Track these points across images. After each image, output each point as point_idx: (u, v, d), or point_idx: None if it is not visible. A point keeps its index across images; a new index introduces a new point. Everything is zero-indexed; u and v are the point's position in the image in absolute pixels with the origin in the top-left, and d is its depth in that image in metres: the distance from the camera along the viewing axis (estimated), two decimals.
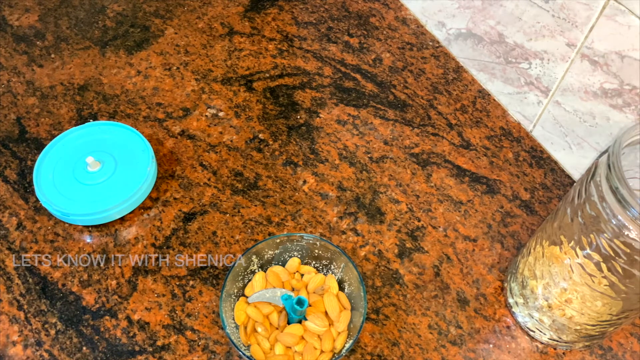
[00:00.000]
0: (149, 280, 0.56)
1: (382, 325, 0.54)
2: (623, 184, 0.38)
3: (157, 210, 0.60)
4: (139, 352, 0.52)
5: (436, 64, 0.74)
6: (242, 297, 0.53)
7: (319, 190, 0.63)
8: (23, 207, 0.60)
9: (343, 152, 0.66)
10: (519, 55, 0.65)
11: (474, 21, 0.68)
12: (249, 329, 0.51)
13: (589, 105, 0.59)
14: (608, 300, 0.46)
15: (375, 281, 0.57)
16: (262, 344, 0.50)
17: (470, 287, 0.57)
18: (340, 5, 0.80)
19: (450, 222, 0.61)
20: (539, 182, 0.64)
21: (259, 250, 0.53)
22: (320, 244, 0.53)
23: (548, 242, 0.48)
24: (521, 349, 0.53)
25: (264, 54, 0.74)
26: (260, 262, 0.54)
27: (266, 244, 0.53)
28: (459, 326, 0.54)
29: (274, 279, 0.53)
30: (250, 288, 0.53)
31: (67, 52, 0.74)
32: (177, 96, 0.70)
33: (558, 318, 0.50)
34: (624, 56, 0.53)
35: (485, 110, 0.70)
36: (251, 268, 0.54)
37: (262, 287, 0.53)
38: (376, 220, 0.61)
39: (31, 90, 0.70)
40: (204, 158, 0.65)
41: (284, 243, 0.54)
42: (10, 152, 0.64)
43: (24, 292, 0.55)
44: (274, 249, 0.54)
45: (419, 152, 0.66)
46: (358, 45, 0.76)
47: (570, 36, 0.57)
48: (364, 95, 0.71)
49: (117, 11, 0.78)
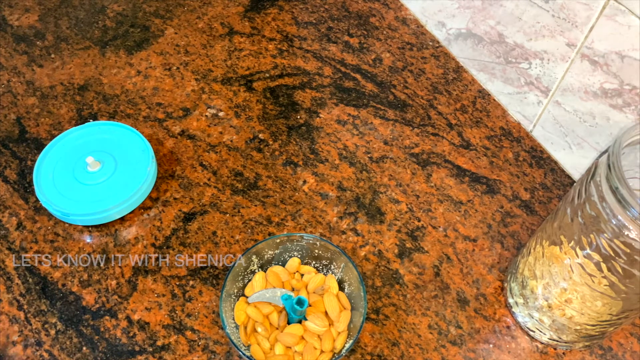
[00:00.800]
0: (149, 280, 0.56)
1: (382, 325, 0.54)
2: (623, 184, 0.38)
3: (157, 210, 0.60)
4: (139, 352, 0.52)
5: (436, 64, 0.74)
6: (242, 297, 0.53)
7: (319, 190, 0.63)
8: (23, 207, 0.60)
9: (343, 152, 0.66)
10: (519, 55, 0.65)
11: (474, 21, 0.68)
12: (249, 329, 0.51)
13: (589, 105, 0.59)
14: (608, 300, 0.46)
15: (375, 281, 0.57)
16: (262, 344, 0.50)
17: (470, 287, 0.57)
18: (340, 5, 0.80)
19: (450, 222, 0.61)
20: (539, 182, 0.64)
21: (259, 250, 0.53)
22: (320, 244, 0.53)
23: (548, 242, 0.48)
24: (521, 349, 0.53)
25: (264, 54, 0.74)
26: (260, 262, 0.54)
27: (266, 244, 0.53)
28: (459, 326, 0.54)
29: (274, 279, 0.53)
30: (250, 288, 0.53)
31: (67, 52, 0.74)
32: (177, 96, 0.70)
33: (558, 318, 0.50)
34: (624, 56, 0.53)
35: (485, 110, 0.70)
36: (251, 268, 0.53)
37: (262, 287, 0.53)
38: (376, 220, 0.61)
39: (31, 90, 0.70)
40: (204, 158, 0.65)
41: (284, 243, 0.54)
42: (10, 152, 0.64)
43: (24, 292, 0.55)
44: (274, 249, 0.54)
45: (419, 152, 0.66)
46: (358, 45, 0.76)
47: (570, 36, 0.57)
48: (364, 95, 0.71)
49: (117, 11, 0.78)
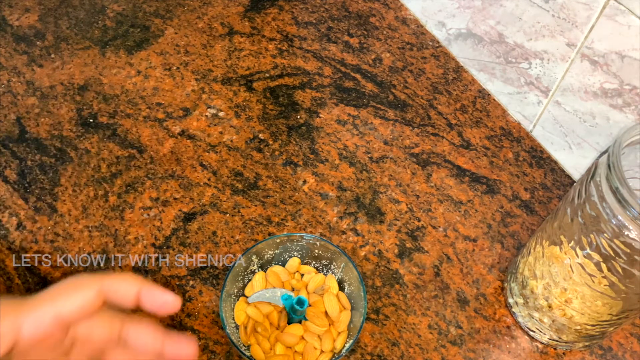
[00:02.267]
0: (149, 280, 0.56)
1: (382, 325, 0.54)
2: (623, 184, 0.38)
3: (157, 210, 0.60)
4: None
5: (436, 64, 0.74)
6: (242, 297, 0.53)
7: (319, 190, 0.63)
8: (23, 207, 0.60)
9: (343, 152, 0.66)
10: (519, 55, 0.64)
11: (474, 21, 0.68)
12: (249, 329, 0.51)
13: (589, 105, 0.59)
14: (608, 300, 0.46)
15: (375, 281, 0.57)
16: (262, 344, 0.50)
17: (470, 287, 0.57)
18: (340, 5, 0.80)
19: (450, 222, 0.61)
20: (539, 182, 0.64)
21: (259, 250, 0.53)
22: (320, 244, 0.53)
23: (548, 242, 0.48)
24: (521, 349, 0.53)
25: (264, 54, 0.74)
26: (260, 262, 0.54)
27: (266, 244, 0.53)
28: (459, 326, 0.54)
29: (274, 279, 0.53)
30: (250, 288, 0.53)
31: (67, 52, 0.74)
32: (177, 96, 0.70)
33: (558, 318, 0.50)
34: (624, 56, 0.53)
35: (485, 110, 0.70)
36: (251, 268, 0.53)
37: (262, 287, 0.53)
38: (376, 220, 0.61)
39: (31, 90, 0.70)
40: (204, 158, 0.65)
41: (284, 243, 0.54)
42: (10, 152, 0.64)
43: (24, 292, 0.55)
44: (274, 249, 0.54)
45: (419, 152, 0.66)
46: (358, 45, 0.76)
47: (570, 36, 0.57)
48: (364, 95, 0.71)
49: (117, 11, 0.78)
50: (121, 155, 0.64)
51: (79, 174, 0.63)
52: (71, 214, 0.60)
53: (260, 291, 0.52)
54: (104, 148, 0.65)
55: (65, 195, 0.61)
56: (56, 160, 0.64)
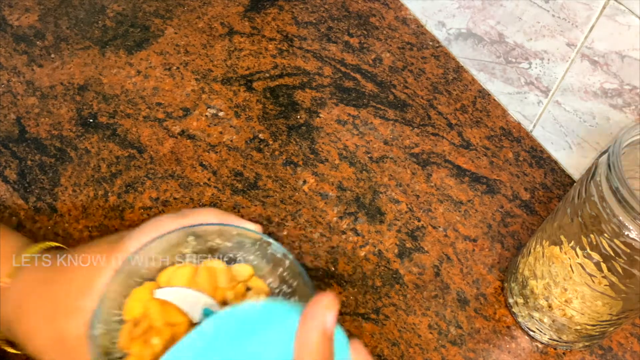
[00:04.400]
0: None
1: (382, 326, 0.54)
2: (623, 184, 0.38)
3: (157, 210, 0.60)
4: None
5: (436, 64, 0.74)
6: (150, 282, 0.37)
7: (319, 190, 0.63)
8: (23, 207, 0.60)
9: (343, 152, 0.66)
10: (519, 55, 0.65)
11: (474, 21, 0.68)
12: (138, 331, 0.35)
13: (589, 105, 0.59)
14: (608, 300, 0.46)
15: (375, 281, 0.57)
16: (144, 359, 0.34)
17: (470, 287, 0.57)
18: (340, 5, 0.80)
19: (450, 222, 0.61)
20: (539, 182, 0.64)
21: (200, 233, 0.39)
22: (288, 262, 0.38)
23: (548, 242, 0.48)
24: (521, 349, 0.53)
25: (264, 54, 0.74)
26: (199, 247, 0.39)
27: (217, 230, 0.39)
28: (459, 326, 0.54)
29: (206, 280, 0.37)
30: (167, 277, 0.38)
31: (67, 52, 0.74)
32: (177, 96, 0.70)
33: (558, 318, 0.50)
34: (624, 56, 0.53)
35: (485, 110, 0.70)
36: (182, 250, 0.39)
37: (184, 284, 0.37)
38: (376, 220, 0.61)
39: (31, 90, 0.70)
40: (204, 158, 0.65)
41: (243, 238, 0.40)
42: (10, 152, 0.64)
43: None
44: (226, 240, 0.40)
45: (419, 152, 0.66)
46: (358, 45, 0.76)
47: (570, 36, 0.57)
48: (364, 95, 0.71)
49: (117, 11, 0.78)
50: (121, 155, 0.64)
51: (79, 174, 0.63)
52: (71, 214, 0.60)
53: (179, 288, 0.37)
54: (104, 148, 0.65)
55: (65, 195, 0.61)
56: (56, 160, 0.64)
